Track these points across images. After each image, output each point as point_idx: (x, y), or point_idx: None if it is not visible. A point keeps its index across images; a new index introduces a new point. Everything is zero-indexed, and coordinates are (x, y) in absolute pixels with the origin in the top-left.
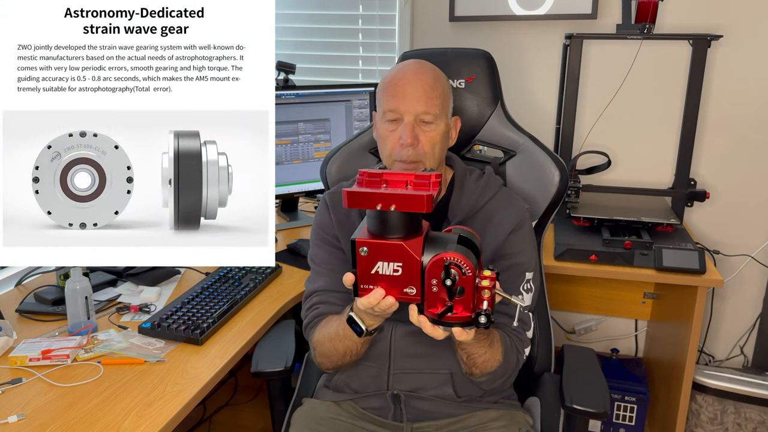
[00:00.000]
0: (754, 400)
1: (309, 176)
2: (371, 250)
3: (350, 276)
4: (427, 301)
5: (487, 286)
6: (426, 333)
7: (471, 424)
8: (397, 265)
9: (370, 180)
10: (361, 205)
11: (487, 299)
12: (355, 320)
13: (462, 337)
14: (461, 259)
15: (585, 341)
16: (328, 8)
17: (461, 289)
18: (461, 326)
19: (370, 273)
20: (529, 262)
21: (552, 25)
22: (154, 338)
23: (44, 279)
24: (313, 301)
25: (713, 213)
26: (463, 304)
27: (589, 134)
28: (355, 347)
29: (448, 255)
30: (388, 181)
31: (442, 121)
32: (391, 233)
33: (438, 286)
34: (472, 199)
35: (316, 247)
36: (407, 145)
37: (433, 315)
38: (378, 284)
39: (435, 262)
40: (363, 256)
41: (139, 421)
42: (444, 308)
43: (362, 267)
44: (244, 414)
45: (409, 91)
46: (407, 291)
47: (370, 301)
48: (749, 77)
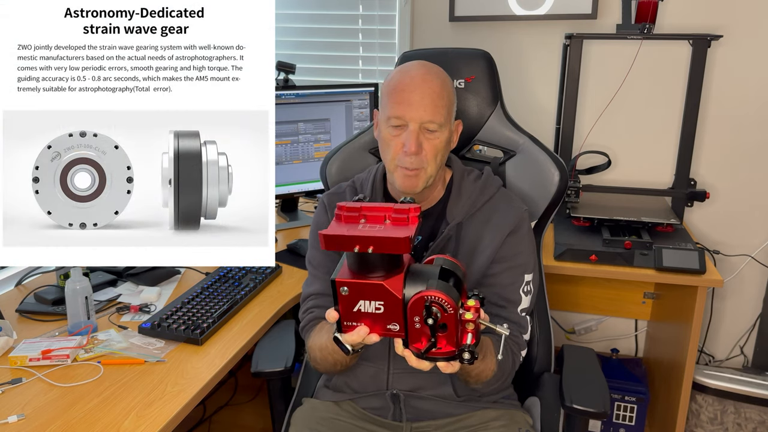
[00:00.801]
0: (754, 400)
1: (309, 176)
2: (351, 290)
3: (333, 314)
4: (411, 337)
5: (470, 319)
6: (411, 366)
7: (471, 424)
8: (378, 303)
9: (348, 215)
10: (339, 248)
11: (471, 332)
12: (341, 341)
13: (447, 370)
14: (442, 297)
15: (585, 341)
16: (328, 8)
17: (444, 325)
18: (446, 360)
19: (352, 311)
20: (528, 264)
21: (552, 25)
22: (154, 338)
23: (44, 279)
24: (308, 304)
25: (713, 213)
26: (447, 339)
27: (589, 134)
28: (344, 360)
29: (429, 293)
30: (367, 217)
31: (446, 129)
32: (372, 272)
33: (420, 322)
34: (471, 200)
35: (314, 249)
36: (411, 153)
37: (417, 350)
38: (361, 321)
39: (416, 301)
40: (344, 295)
41: (139, 421)
42: (428, 344)
43: (344, 305)
44: (244, 414)
45: (416, 99)
46: (390, 327)
47: (354, 339)
48: (749, 77)
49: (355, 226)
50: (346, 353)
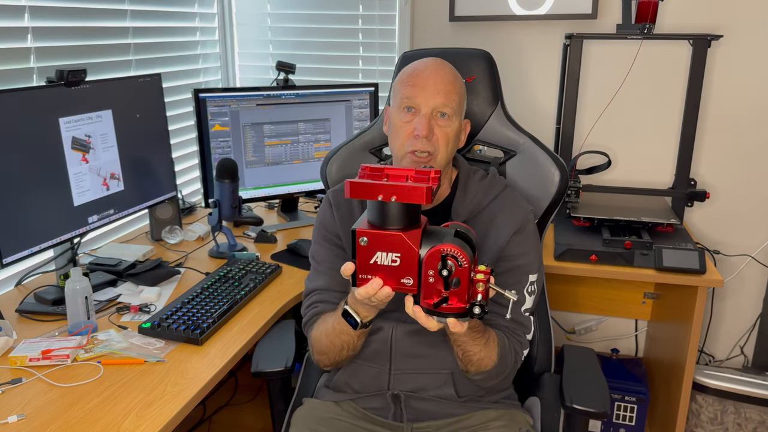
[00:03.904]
0: (754, 400)
1: (309, 176)
2: (371, 240)
3: (350, 265)
4: (424, 292)
5: (481, 279)
6: (420, 323)
7: (471, 424)
8: (395, 255)
9: (372, 173)
10: (363, 195)
11: (481, 292)
12: (350, 313)
13: (456, 328)
14: (458, 251)
15: (585, 341)
16: (328, 8)
17: (457, 280)
18: (456, 317)
19: (368, 263)
20: (533, 264)
21: (552, 25)
22: (154, 338)
23: (44, 279)
24: (312, 299)
25: (713, 213)
26: (458, 295)
27: (589, 134)
28: (352, 341)
29: (446, 246)
30: (389, 175)
31: (457, 119)
32: (391, 224)
33: (434, 277)
34: (476, 199)
35: (318, 244)
36: (422, 136)
37: (428, 305)
38: (376, 274)
39: (432, 253)
40: (362, 246)
41: (139, 421)
42: (439, 299)
43: (361, 257)
44: (244, 414)
45: (430, 84)
46: (404, 281)
47: (368, 291)
48: (749, 77)
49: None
50: (354, 327)
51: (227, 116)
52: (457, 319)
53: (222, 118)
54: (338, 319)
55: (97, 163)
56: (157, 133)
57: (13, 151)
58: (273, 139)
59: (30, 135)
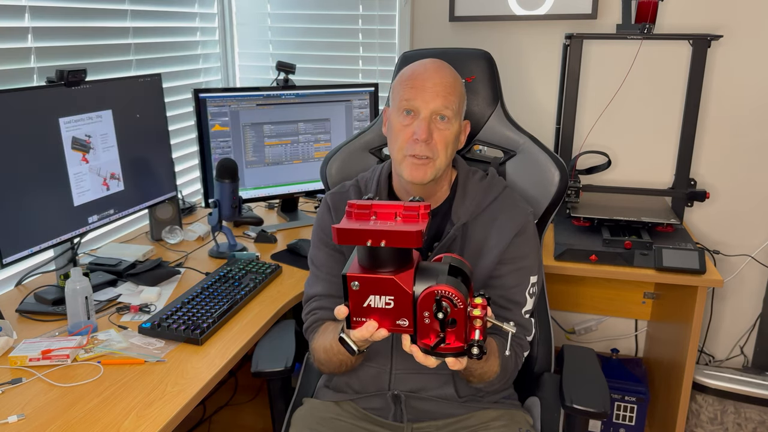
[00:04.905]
0: (754, 400)
1: (309, 176)
2: (363, 285)
3: (343, 309)
4: (420, 333)
5: (478, 316)
6: (418, 362)
7: (471, 424)
8: (389, 298)
9: (359, 213)
10: (352, 241)
11: (479, 328)
12: (347, 341)
13: (455, 366)
14: (452, 292)
15: (585, 341)
16: (328, 8)
17: (453, 320)
18: (454, 356)
19: (362, 306)
20: (534, 266)
21: (552, 25)
22: (154, 338)
23: (44, 279)
24: (311, 306)
25: (713, 213)
26: (456, 334)
27: (589, 134)
28: (349, 361)
29: (440, 288)
30: (377, 214)
31: (457, 122)
32: (382, 267)
33: (430, 318)
34: (476, 200)
35: (316, 248)
36: (421, 140)
37: (426, 346)
38: (370, 317)
39: (426, 295)
40: (355, 290)
41: (139, 421)
42: (437, 339)
43: (354, 300)
44: (244, 414)
45: (429, 86)
46: (399, 323)
47: (363, 334)
48: (749, 77)
49: (366, 222)
50: (352, 354)
51: (227, 116)
52: (455, 358)
53: (222, 118)
54: (336, 340)
55: (97, 163)
56: (157, 133)
57: (14, 151)
58: (273, 139)
59: (30, 135)
